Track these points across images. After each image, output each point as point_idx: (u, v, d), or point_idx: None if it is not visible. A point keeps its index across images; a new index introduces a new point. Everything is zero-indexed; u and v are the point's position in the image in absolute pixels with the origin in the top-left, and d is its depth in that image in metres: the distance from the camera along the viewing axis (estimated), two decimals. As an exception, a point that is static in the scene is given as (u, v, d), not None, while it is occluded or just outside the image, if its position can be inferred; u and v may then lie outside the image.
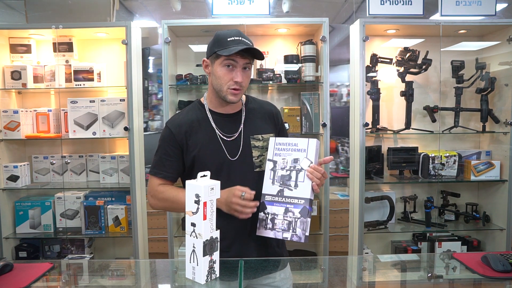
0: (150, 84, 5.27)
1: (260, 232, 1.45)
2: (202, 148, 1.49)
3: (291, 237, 1.39)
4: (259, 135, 1.54)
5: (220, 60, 1.43)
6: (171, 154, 1.51)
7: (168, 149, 1.51)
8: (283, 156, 1.46)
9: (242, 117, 1.55)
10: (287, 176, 1.43)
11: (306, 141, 1.42)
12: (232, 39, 1.41)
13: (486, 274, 1.38)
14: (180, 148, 1.51)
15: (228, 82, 1.44)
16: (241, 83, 1.44)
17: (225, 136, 1.51)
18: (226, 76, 1.44)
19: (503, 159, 2.75)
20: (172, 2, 4.06)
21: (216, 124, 1.52)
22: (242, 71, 1.44)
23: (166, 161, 1.52)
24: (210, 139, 1.50)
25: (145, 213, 2.90)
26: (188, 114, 1.55)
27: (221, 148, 1.49)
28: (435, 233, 2.81)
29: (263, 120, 1.59)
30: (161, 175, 1.52)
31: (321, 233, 2.73)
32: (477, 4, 2.63)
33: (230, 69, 1.43)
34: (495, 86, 2.74)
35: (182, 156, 1.52)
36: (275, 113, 1.63)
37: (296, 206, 1.40)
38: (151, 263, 1.73)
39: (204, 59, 1.52)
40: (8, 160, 2.79)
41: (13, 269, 1.42)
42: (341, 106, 5.30)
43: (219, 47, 1.42)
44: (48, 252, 2.82)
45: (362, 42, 2.56)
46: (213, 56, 1.46)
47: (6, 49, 2.76)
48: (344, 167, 4.31)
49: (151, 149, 2.05)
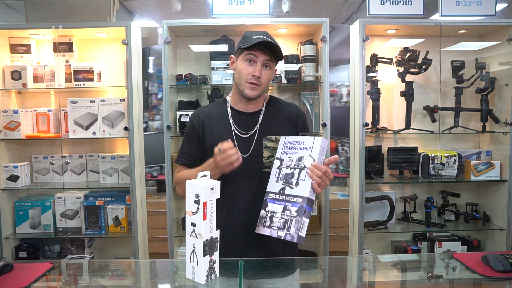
0: (150, 84, 5.27)
1: (259, 229, 1.43)
2: (215, 141, 1.52)
3: (284, 236, 1.36)
4: (272, 136, 1.57)
5: (242, 55, 1.52)
6: (191, 142, 1.63)
7: (189, 138, 1.63)
8: (290, 154, 1.45)
9: (260, 117, 1.60)
10: (290, 174, 1.42)
11: (312, 139, 1.41)
12: (257, 37, 1.48)
13: (486, 274, 1.38)
14: (198, 138, 1.61)
15: (247, 75, 1.51)
16: (259, 79, 1.50)
17: (240, 132, 1.57)
18: (245, 70, 1.51)
19: (503, 159, 2.75)
20: (172, 2, 4.06)
21: (234, 120, 1.59)
22: (262, 67, 1.51)
23: (186, 149, 1.64)
24: (224, 133, 1.56)
25: (145, 213, 2.90)
26: (211, 107, 1.67)
27: (233, 143, 1.51)
28: (435, 233, 2.81)
29: (282, 122, 1.62)
30: (181, 162, 1.64)
31: (321, 233, 2.73)
32: (477, 4, 2.63)
33: (251, 64, 1.51)
34: (495, 86, 2.74)
35: (200, 146, 1.61)
36: (296, 115, 1.65)
37: (294, 204, 1.37)
38: (151, 263, 1.73)
39: (231, 56, 1.61)
40: (8, 160, 2.79)
41: (13, 269, 1.42)
42: (341, 106, 5.30)
43: (243, 44, 1.50)
44: (48, 252, 2.82)
45: (362, 42, 2.56)
46: (238, 52, 1.54)
47: (6, 49, 2.76)
48: (344, 167, 4.31)
49: (151, 149, 2.05)
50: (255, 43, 1.46)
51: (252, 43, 1.46)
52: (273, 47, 1.49)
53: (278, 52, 1.51)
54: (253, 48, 1.49)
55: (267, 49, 1.49)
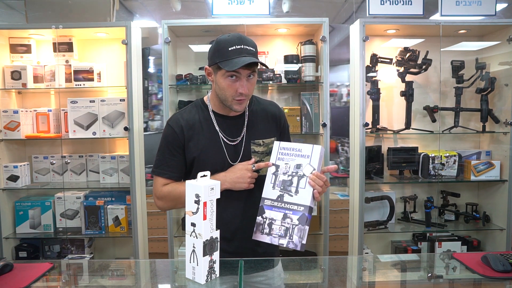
0: (150, 84, 5.27)
1: (256, 236, 1.42)
2: (204, 150, 1.47)
3: (287, 244, 1.37)
4: (260, 140, 1.52)
5: (222, 72, 1.39)
6: (175, 153, 1.49)
7: (172, 148, 1.49)
8: (286, 161, 1.43)
9: (245, 121, 1.52)
10: (288, 181, 1.41)
11: (310, 147, 1.40)
12: (234, 49, 1.35)
13: (486, 274, 1.38)
14: (183, 148, 1.49)
15: (232, 93, 1.40)
16: (246, 94, 1.41)
17: (228, 139, 1.50)
18: (230, 88, 1.40)
19: (503, 159, 2.75)
20: (172, 2, 4.06)
21: (220, 126, 1.50)
22: (246, 79, 1.40)
23: (170, 161, 1.49)
24: (213, 142, 1.48)
25: (145, 213, 2.90)
26: (191, 113, 1.52)
27: (222, 152, 1.48)
28: (435, 233, 2.81)
29: (266, 122, 1.56)
30: (166, 175, 1.50)
31: (321, 233, 2.73)
32: (477, 4, 2.63)
33: (234, 80, 1.39)
34: (495, 86, 2.74)
35: (184, 155, 1.50)
36: (279, 115, 1.60)
37: (295, 212, 1.37)
38: (151, 263, 1.73)
39: (206, 67, 1.48)
40: (8, 160, 2.79)
41: (13, 269, 1.42)
42: (341, 106, 5.30)
43: (220, 58, 1.37)
44: (48, 252, 2.82)
45: (362, 42, 2.56)
46: (215, 66, 1.41)
47: (6, 49, 2.76)
48: (344, 167, 4.31)
49: (151, 149, 2.02)
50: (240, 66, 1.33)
51: (233, 67, 1.33)
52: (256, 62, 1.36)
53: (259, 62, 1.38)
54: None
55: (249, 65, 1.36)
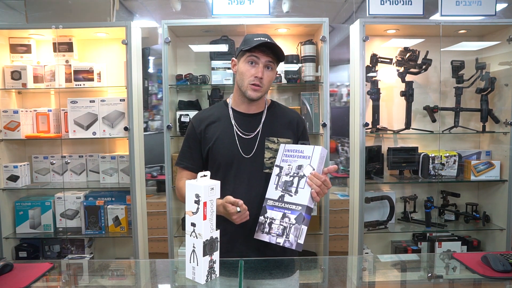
0: (150, 84, 5.27)
1: (258, 235, 1.46)
2: (217, 141, 1.56)
3: (283, 243, 1.39)
4: (274, 138, 1.59)
5: (244, 57, 1.54)
6: (192, 146, 1.63)
7: (190, 141, 1.64)
8: (289, 162, 1.48)
9: (262, 118, 1.61)
10: (289, 182, 1.45)
11: (311, 148, 1.44)
12: (259, 39, 1.50)
13: (486, 274, 1.38)
14: (199, 141, 1.61)
15: (249, 77, 1.52)
16: (261, 80, 1.52)
17: (242, 133, 1.58)
18: (248, 71, 1.53)
19: (503, 159, 2.75)
20: (172, 2, 4.06)
21: (236, 121, 1.60)
22: (264, 69, 1.52)
23: (187, 153, 1.65)
24: (226, 134, 1.58)
25: (145, 213, 2.90)
26: (211, 110, 1.68)
27: (235, 144, 1.55)
28: (435, 233, 2.81)
29: (283, 125, 1.63)
30: (183, 165, 1.65)
31: (321, 233, 2.73)
32: (477, 4, 2.62)
33: (253, 66, 1.52)
34: (495, 86, 2.74)
35: (201, 149, 1.62)
36: (297, 121, 1.67)
37: (293, 212, 1.40)
38: (151, 263, 1.73)
39: (233, 59, 1.62)
40: (8, 160, 2.79)
41: (13, 269, 1.42)
42: (341, 106, 5.29)
43: (245, 46, 1.52)
44: (48, 252, 2.82)
45: (362, 42, 2.56)
46: (239, 54, 1.56)
47: (6, 49, 2.76)
48: (344, 167, 4.30)
49: (151, 149, 2.05)
50: (257, 44, 1.48)
51: (253, 45, 1.48)
52: (274, 48, 1.51)
53: (280, 53, 1.52)
54: (255, 50, 1.51)
55: (268, 50, 1.51)
